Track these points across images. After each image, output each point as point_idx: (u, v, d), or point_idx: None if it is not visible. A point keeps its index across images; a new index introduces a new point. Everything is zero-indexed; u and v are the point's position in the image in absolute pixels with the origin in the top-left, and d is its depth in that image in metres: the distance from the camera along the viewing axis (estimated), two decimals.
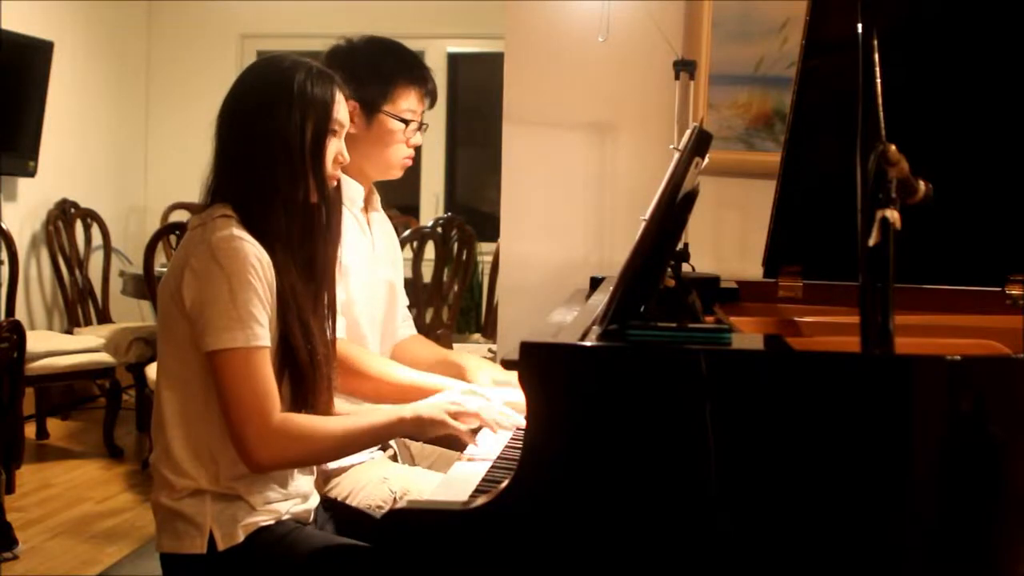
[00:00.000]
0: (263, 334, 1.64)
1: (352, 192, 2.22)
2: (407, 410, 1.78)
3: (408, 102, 2.22)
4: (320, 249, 1.79)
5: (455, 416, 1.80)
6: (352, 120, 2.16)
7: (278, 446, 1.64)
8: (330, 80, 1.78)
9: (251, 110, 1.74)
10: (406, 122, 2.21)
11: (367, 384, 2.08)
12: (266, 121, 1.72)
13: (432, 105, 2.29)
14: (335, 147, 1.78)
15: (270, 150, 1.71)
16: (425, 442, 2.34)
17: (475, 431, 1.92)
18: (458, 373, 2.21)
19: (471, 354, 2.40)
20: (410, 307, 2.53)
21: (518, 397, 2.01)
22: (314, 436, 1.69)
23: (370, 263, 2.24)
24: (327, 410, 1.80)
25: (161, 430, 1.69)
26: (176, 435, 1.68)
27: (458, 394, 1.91)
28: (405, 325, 2.44)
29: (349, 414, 1.85)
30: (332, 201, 1.82)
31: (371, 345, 2.23)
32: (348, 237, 2.16)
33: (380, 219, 2.35)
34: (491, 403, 1.90)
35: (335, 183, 1.81)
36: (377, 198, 2.33)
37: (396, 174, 2.28)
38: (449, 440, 2.16)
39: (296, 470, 1.77)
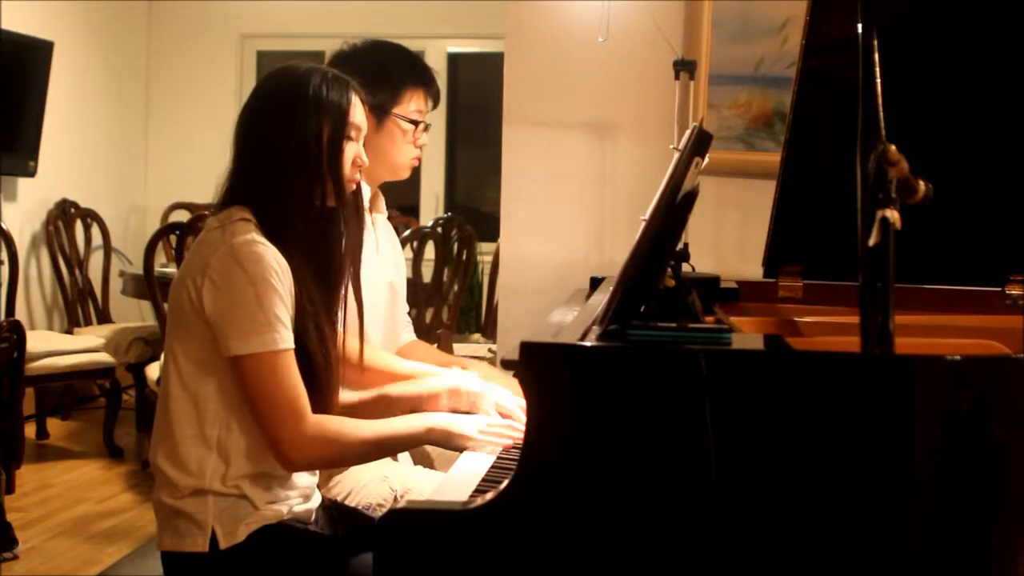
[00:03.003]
0: (288, 336, 1.65)
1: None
2: (439, 420, 1.81)
3: (416, 103, 2.24)
4: (337, 253, 1.80)
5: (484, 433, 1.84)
6: None
7: (313, 447, 1.66)
8: (346, 85, 1.79)
9: (268, 116, 1.76)
10: (415, 123, 2.23)
11: (367, 376, 2.08)
12: (283, 126, 1.73)
13: (436, 105, 2.31)
14: (353, 150, 1.79)
15: (288, 155, 1.73)
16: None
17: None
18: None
19: (473, 363, 2.39)
20: (410, 311, 2.54)
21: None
22: (348, 439, 1.70)
23: (373, 263, 2.25)
24: (335, 411, 1.81)
25: (168, 429, 1.69)
26: (187, 434, 1.68)
27: (495, 418, 1.92)
28: (405, 330, 2.44)
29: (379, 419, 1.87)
30: (352, 205, 1.83)
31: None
32: None
33: (383, 221, 2.36)
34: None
35: (354, 186, 1.82)
36: (382, 201, 2.34)
37: (404, 174, 2.30)
38: None
39: None
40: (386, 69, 2.23)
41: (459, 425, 1.81)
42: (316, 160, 1.73)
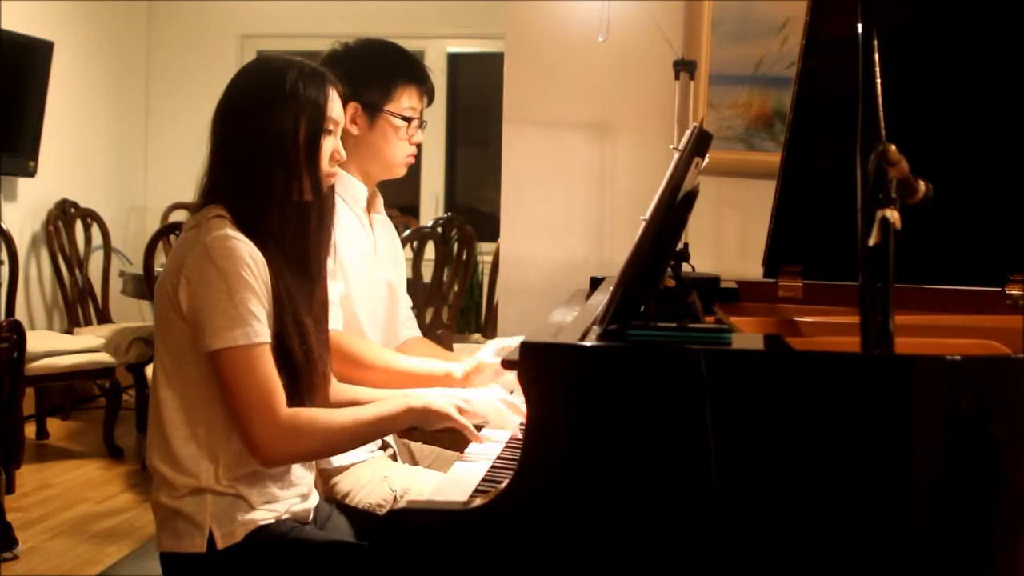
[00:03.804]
0: (263, 330, 1.64)
1: (355, 191, 2.23)
2: (415, 399, 1.79)
3: (409, 100, 2.23)
4: (313, 247, 1.80)
5: (462, 412, 1.81)
6: (355, 122, 2.18)
7: (287, 441, 1.65)
8: (322, 78, 1.78)
9: (245, 111, 1.75)
10: (408, 120, 2.23)
11: (368, 374, 2.09)
12: (260, 122, 1.72)
13: (431, 102, 2.31)
14: (331, 145, 1.78)
15: (265, 151, 1.72)
16: (425, 442, 2.34)
17: (478, 427, 1.93)
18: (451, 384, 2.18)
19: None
20: (412, 308, 2.53)
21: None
22: (323, 429, 1.69)
23: (370, 262, 2.25)
24: (324, 406, 1.80)
25: (161, 429, 1.69)
26: (178, 434, 1.68)
27: (468, 392, 1.91)
28: (408, 326, 2.44)
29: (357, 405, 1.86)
30: (325, 198, 1.82)
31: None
32: (350, 234, 2.17)
33: (382, 221, 2.36)
34: (500, 408, 1.89)
35: (332, 181, 1.81)
36: (380, 200, 2.34)
37: (400, 172, 2.30)
38: (449, 440, 2.17)
39: (295, 469, 1.77)
40: (378, 67, 2.23)
41: (438, 404, 1.79)
42: (294, 155, 1.73)
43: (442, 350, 2.51)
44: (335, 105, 1.79)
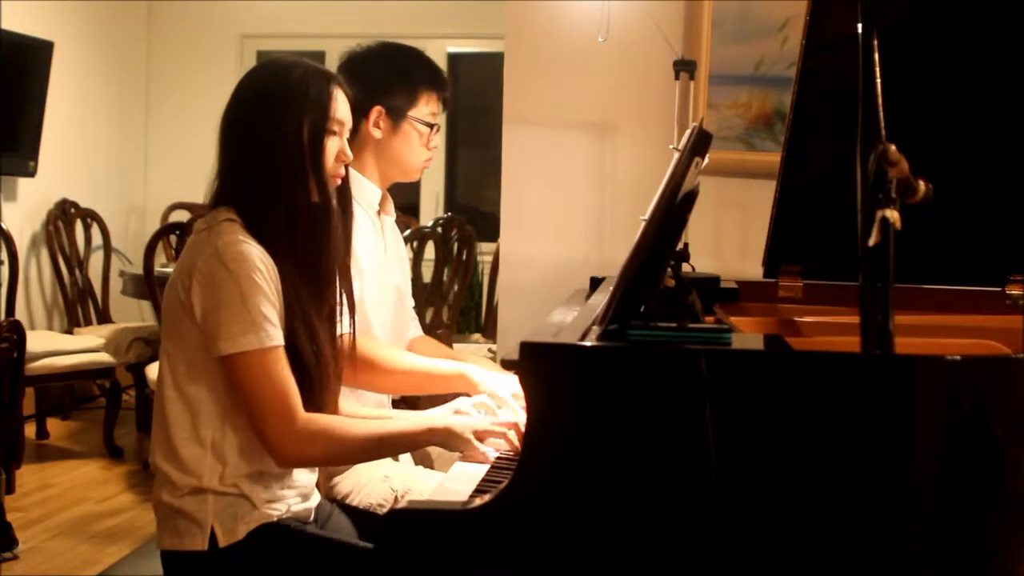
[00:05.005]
0: (276, 334, 1.65)
1: (369, 194, 2.23)
2: (438, 421, 1.79)
3: (430, 106, 2.25)
4: (325, 250, 1.79)
5: (482, 438, 1.79)
6: (378, 125, 2.18)
7: (303, 444, 1.65)
8: (327, 78, 1.77)
9: (250, 112, 1.75)
10: (430, 126, 2.24)
11: (383, 377, 2.09)
12: (264, 123, 1.72)
13: (447, 108, 2.32)
14: (336, 145, 1.78)
15: (269, 152, 1.72)
16: None
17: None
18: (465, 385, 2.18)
19: (473, 356, 2.39)
20: (412, 308, 2.54)
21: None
22: (341, 437, 1.69)
23: (382, 266, 2.25)
24: (333, 411, 1.81)
25: (165, 429, 1.69)
26: (182, 434, 1.68)
27: (487, 418, 1.90)
28: (412, 326, 2.45)
29: (376, 417, 1.86)
30: (341, 200, 1.82)
31: None
32: (364, 238, 2.17)
33: (391, 224, 2.36)
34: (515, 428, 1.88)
35: (338, 182, 1.81)
36: (391, 203, 2.34)
37: (416, 176, 2.32)
38: None
39: (297, 470, 1.77)
40: (402, 72, 2.24)
41: (460, 428, 1.79)
42: (298, 156, 1.73)
43: (446, 348, 2.52)
44: (340, 106, 1.78)
